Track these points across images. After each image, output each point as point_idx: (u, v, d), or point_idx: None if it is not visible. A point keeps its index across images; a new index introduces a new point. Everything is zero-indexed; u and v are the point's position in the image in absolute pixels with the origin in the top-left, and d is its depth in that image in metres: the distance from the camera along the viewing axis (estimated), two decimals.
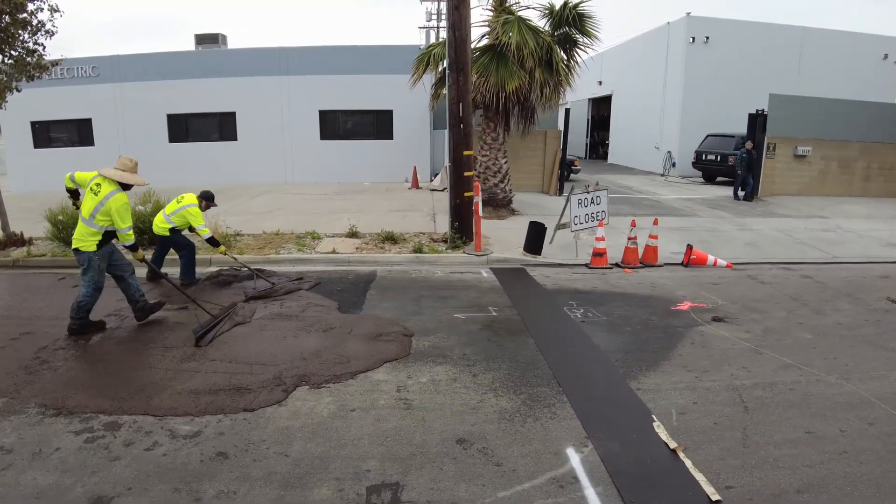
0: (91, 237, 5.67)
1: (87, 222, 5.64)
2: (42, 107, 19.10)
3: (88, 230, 5.65)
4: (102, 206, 5.54)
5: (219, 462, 3.59)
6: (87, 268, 5.79)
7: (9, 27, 9.59)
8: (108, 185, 5.60)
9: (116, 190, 5.60)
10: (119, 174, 5.68)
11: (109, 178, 5.62)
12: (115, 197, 5.53)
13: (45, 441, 3.88)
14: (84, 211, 5.66)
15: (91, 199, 5.60)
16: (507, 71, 10.74)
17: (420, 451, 3.66)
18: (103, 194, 5.55)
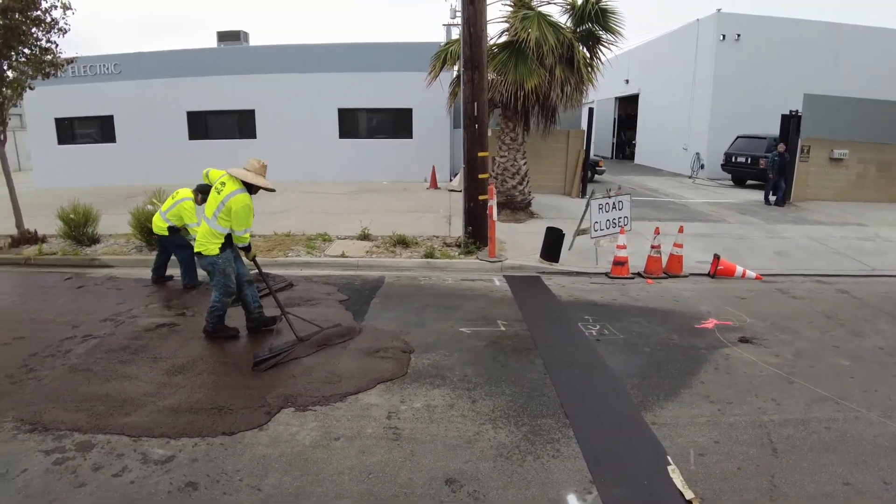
0: (214, 239, 5.42)
1: (209, 222, 5.40)
2: (66, 103, 19.28)
3: (211, 231, 5.40)
4: (224, 206, 5.29)
5: (186, 495, 3.30)
6: (211, 272, 5.56)
7: (21, 25, 9.51)
8: (233, 183, 5.33)
9: (240, 190, 5.31)
10: (244, 173, 5.41)
11: (235, 176, 5.37)
12: (237, 196, 5.25)
13: (14, 461, 3.66)
14: (207, 210, 5.44)
15: (214, 197, 5.37)
16: (527, 68, 10.32)
17: (403, 492, 3.30)
18: (226, 193, 5.29)
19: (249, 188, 5.41)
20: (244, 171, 5.42)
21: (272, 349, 5.22)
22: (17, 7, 9.42)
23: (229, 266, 5.58)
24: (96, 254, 9.56)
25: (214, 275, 5.53)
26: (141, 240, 9.64)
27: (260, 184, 5.44)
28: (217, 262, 5.45)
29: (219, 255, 5.44)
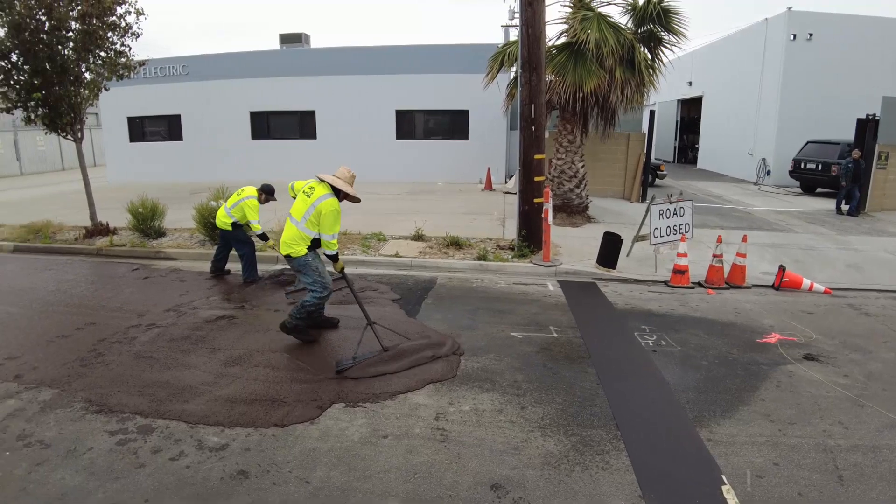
0: (302, 241, 5.43)
1: (298, 225, 5.41)
2: (137, 103, 20.31)
3: (300, 234, 5.40)
4: (314, 209, 5.29)
5: (238, 482, 3.44)
6: (303, 272, 5.56)
7: (98, 30, 10.10)
8: (322, 188, 5.37)
9: (330, 194, 5.33)
10: (334, 179, 5.44)
11: (325, 181, 5.41)
12: (327, 201, 5.27)
13: (82, 439, 3.94)
14: (296, 213, 5.44)
15: (303, 201, 5.38)
16: (586, 70, 10.16)
17: (448, 494, 3.31)
18: (316, 196, 5.31)
19: (338, 195, 5.42)
20: (335, 177, 5.45)
21: (356, 358, 5.12)
22: (94, 13, 10.02)
23: (320, 263, 5.63)
24: (162, 246, 10.01)
25: (307, 274, 5.53)
26: (204, 234, 10.03)
27: (350, 192, 5.46)
28: (308, 262, 5.47)
29: (307, 254, 5.46)
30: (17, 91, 10.16)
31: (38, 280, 8.37)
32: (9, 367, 5.16)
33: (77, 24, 10.06)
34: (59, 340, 5.84)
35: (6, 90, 10.17)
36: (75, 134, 10.90)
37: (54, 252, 10.34)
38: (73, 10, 9.92)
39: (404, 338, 5.60)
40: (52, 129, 10.75)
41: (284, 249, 5.49)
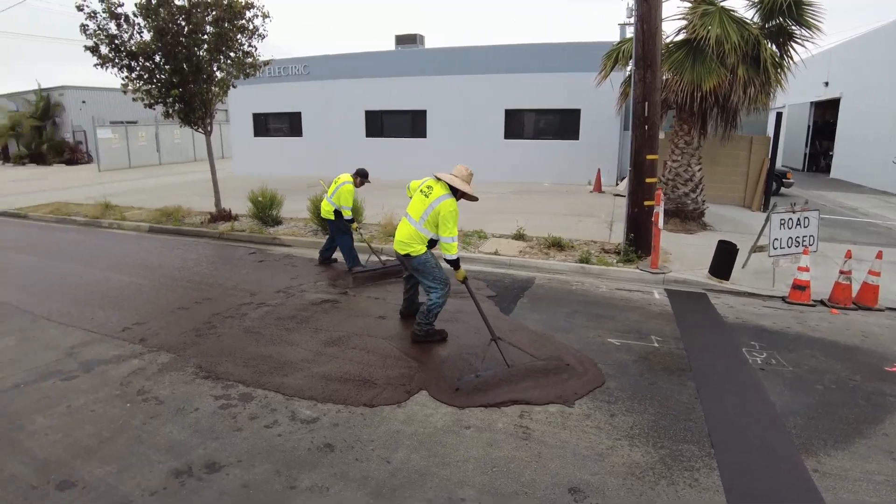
0: (420, 241, 5.33)
1: (416, 224, 5.31)
2: (262, 101, 21.82)
3: (418, 234, 5.30)
4: (432, 210, 5.20)
5: (324, 454, 3.66)
6: (424, 270, 5.42)
7: (228, 32, 10.98)
8: (440, 188, 5.28)
9: (448, 195, 5.22)
10: (452, 178, 5.34)
11: (443, 180, 5.31)
12: (445, 201, 5.16)
13: (190, 400, 4.37)
14: (413, 213, 5.35)
15: (421, 201, 5.29)
16: (705, 68, 9.58)
17: (524, 492, 3.27)
18: (434, 197, 5.22)
19: (456, 194, 5.31)
20: (452, 176, 5.35)
21: (478, 375, 4.81)
22: (227, 17, 10.90)
23: (437, 260, 5.52)
24: (277, 233, 10.68)
25: (427, 273, 5.41)
26: (317, 225, 10.59)
27: (467, 191, 5.33)
28: (428, 260, 5.37)
29: (426, 252, 5.37)
30: (158, 88, 11.28)
31: (167, 258, 9.26)
32: (136, 332, 5.85)
33: (211, 28, 11.00)
34: (180, 311, 6.50)
35: (150, 88, 11.30)
36: (206, 128, 11.91)
37: (182, 234, 11.40)
38: (208, 14, 10.85)
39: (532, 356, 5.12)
40: (186, 123, 11.83)
41: (402, 249, 5.36)
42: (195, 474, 3.45)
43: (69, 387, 4.66)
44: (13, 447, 3.81)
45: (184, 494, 3.27)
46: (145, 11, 10.60)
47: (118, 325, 6.11)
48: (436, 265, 5.43)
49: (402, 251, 5.35)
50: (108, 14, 10.67)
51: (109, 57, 10.95)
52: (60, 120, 37.31)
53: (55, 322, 6.26)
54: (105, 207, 13.87)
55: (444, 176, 5.33)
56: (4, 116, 37.48)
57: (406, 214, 5.43)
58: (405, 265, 5.56)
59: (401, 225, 5.45)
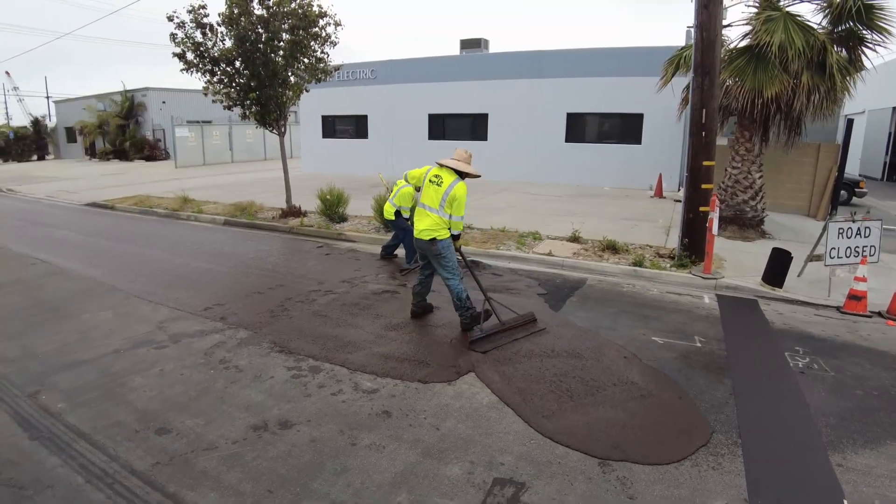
0: (444, 226, 5.78)
1: (437, 212, 5.76)
2: (330, 103, 22.76)
3: (441, 220, 5.76)
4: (448, 195, 5.67)
5: (381, 419, 4.16)
6: (445, 256, 5.85)
7: (303, 39, 11.72)
8: (449, 175, 5.76)
9: (458, 179, 5.74)
10: (457, 164, 5.83)
11: (449, 167, 5.79)
12: (458, 185, 5.69)
13: (266, 369, 5.00)
14: (430, 202, 5.81)
15: (435, 190, 5.76)
16: (767, 74, 9.52)
17: (558, 461, 3.63)
18: (447, 184, 5.69)
19: (461, 176, 5.81)
20: (457, 161, 5.86)
21: (483, 330, 5.70)
22: (302, 25, 11.63)
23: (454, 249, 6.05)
24: (343, 230, 11.31)
25: (447, 259, 5.84)
26: (380, 222, 11.16)
27: (471, 171, 5.85)
28: (450, 246, 5.84)
29: (448, 238, 5.84)
30: (237, 92, 12.14)
31: (242, 248, 10.04)
32: (217, 311, 6.57)
33: (287, 35, 11.76)
34: (255, 295, 7.20)
35: (229, 91, 12.18)
36: (279, 129, 12.70)
37: (255, 227, 12.23)
38: (284, 23, 11.61)
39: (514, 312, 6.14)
40: (261, 124, 12.66)
41: (428, 235, 5.77)
42: (270, 429, 4.02)
43: (160, 354, 5.37)
44: (117, 400, 4.50)
45: (260, 445, 3.83)
46: (228, 20, 11.46)
47: (200, 305, 6.86)
48: (453, 253, 5.92)
49: (428, 237, 5.78)
50: (194, 23, 11.59)
51: (194, 62, 11.87)
52: (142, 119, 39.84)
53: (145, 300, 7.07)
54: (183, 201, 14.96)
55: (448, 162, 5.84)
56: (94, 115, 40.37)
57: (422, 205, 5.90)
58: (427, 252, 5.94)
59: (419, 216, 5.90)
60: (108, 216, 14.71)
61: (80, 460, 3.67)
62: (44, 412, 4.31)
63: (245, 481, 3.42)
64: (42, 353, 5.45)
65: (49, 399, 4.52)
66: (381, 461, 3.63)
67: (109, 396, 4.54)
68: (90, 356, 5.36)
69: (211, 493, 3.30)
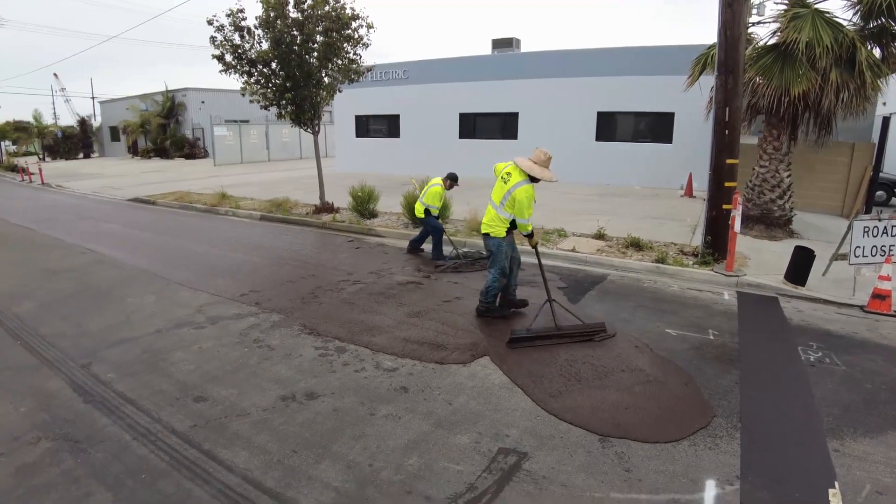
0: (501, 223, 5.90)
1: (497, 209, 5.88)
2: (363, 103, 23.23)
3: (499, 217, 5.88)
4: (510, 195, 5.72)
5: (399, 394, 4.51)
6: (495, 253, 6.01)
7: (336, 41, 12.13)
8: (518, 174, 5.74)
9: (525, 181, 5.69)
10: (529, 166, 5.76)
11: (520, 167, 5.77)
12: (521, 187, 5.65)
13: (296, 348, 5.42)
14: (495, 198, 5.93)
15: (501, 187, 5.84)
16: (794, 72, 9.50)
17: (560, 436, 3.88)
18: (512, 183, 5.71)
19: (533, 179, 5.77)
20: (530, 162, 5.78)
21: (530, 330, 5.65)
22: (335, 28, 12.04)
23: (509, 249, 6.10)
24: (373, 225, 11.68)
25: (497, 255, 5.97)
26: (408, 219, 11.50)
27: (544, 176, 5.74)
28: (502, 244, 5.94)
29: (504, 237, 5.94)
30: (273, 92, 12.61)
31: (277, 242, 10.52)
32: (252, 297, 7.03)
33: (321, 38, 12.18)
34: (288, 284, 7.65)
35: (265, 91, 12.67)
36: (313, 128, 13.15)
37: (290, 222, 12.71)
38: (318, 25, 12.02)
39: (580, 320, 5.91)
40: (296, 124, 13.12)
41: (484, 229, 6.02)
42: (297, 399, 4.40)
43: (199, 334, 5.82)
44: (160, 372, 4.94)
45: (288, 412, 4.20)
46: (264, 23, 11.93)
47: (237, 291, 7.32)
48: (504, 253, 6.03)
49: (483, 230, 6.07)
50: (233, 26, 12.09)
51: (232, 64, 12.39)
52: (182, 118, 41.11)
53: (185, 287, 7.56)
54: (221, 197, 15.57)
55: (521, 162, 5.81)
56: (136, 115, 41.84)
57: (490, 200, 6.04)
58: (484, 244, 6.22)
59: (487, 209, 6.08)
60: (151, 211, 15.42)
61: (128, 421, 4.10)
62: (95, 380, 4.78)
63: (272, 442, 3.78)
64: (92, 331, 5.96)
65: (99, 370, 4.99)
66: (396, 429, 3.95)
67: (153, 369, 4.98)
68: (135, 334, 5.84)
69: (242, 452, 3.67)
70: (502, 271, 6.06)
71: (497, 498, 3.22)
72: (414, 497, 3.23)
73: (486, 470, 3.48)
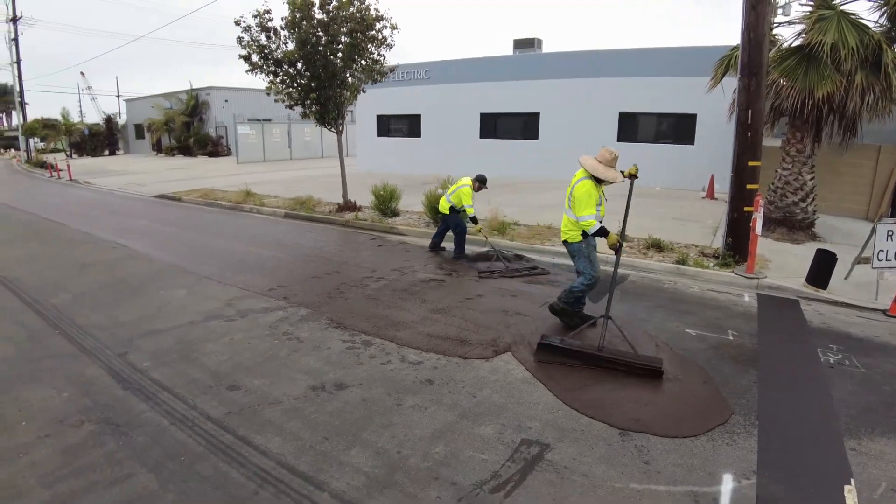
0: (574, 227, 5.71)
1: (567, 213, 5.76)
2: (385, 103, 23.46)
3: (569, 221, 5.76)
4: (569, 194, 5.64)
5: (424, 386, 4.67)
6: (576, 257, 5.87)
7: (361, 43, 12.32)
8: (579, 173, 5.63)
9: (585, 177, 5.55)
10: (593, 165, 5.57)
11: (584, 167, 5.61)
12: (579, 184, 5.50)
13: (324, 342, 5.61)
14: (566, 202, 5.80)
15: (567, 190, 5.74)
16: (818, 74, 9.48)
17: (582, 430, 4.00)
18: (572, 182, 5.61)
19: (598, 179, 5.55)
20: (595, 161, 5.58)
21: (563, 341, 5.27)
22: (360, 29, 12.22)
23: (593, 252, 5.89)
24: (395, 224, 11.85)
25: (578, 258, 5.82)
26: (429, 217, 11.66)
27: (608, 176, 5.49)
28: (581, 248, 5.77)
29: (581, 241, 5.74)
30: (298, 92, 12.84)
31: (301, 239, 10.75)
32: (280, 292, 7.25)
33: (345, 38, 12.37)
34: (314, 279, 7.86)
35: (290, 91, 12.90)
36: (337, 128, 13.37)
37: (313, 220, 12.94)
38: (343, 26, 12.22)
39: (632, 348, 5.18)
40: (320, 123, 13.35)
41: (562, 236, 5.90)
42: (327, 389, 4.58)
43: (230, 326, 6.03)
44: (193, 362, 5.15)
45: (318, 401, 4.38)
46: (290, 24, 12.16)
47: (265, 286, 7.53)
48: (588, 255, 5.78)
49: (562, 238, 5.94)
50: (260, 27, 12.34)
51: (259, 64, 12.65)
52: (206, 117, 41.73)
53: (214, 281, 7.80)
54: (246, 195, 15.87)
55: (584, 161, 5.64)
56: (161, 113, 42.58)
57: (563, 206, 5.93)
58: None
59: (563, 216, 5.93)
60: (176, 207, 15.77)
61: (165, 407, 4.29)
62: (132, 369, 4.99)
63: (304, 430, 3.95)
64: (126, 322, 6.19)
65: (135, 359, 5.21)
66: (423, 419, 4.11)
67: (186, 359, 5.19)
68: (168, 326, 6.06)
69: (275, 438, 3.84)
70: (592, 274, 5.78)
71: (521, 486, 3.34)
72: (441, 483, 3.36)
73: (510, 459, 3.61)
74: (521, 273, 8.32)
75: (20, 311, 6.62)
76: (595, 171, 5.52)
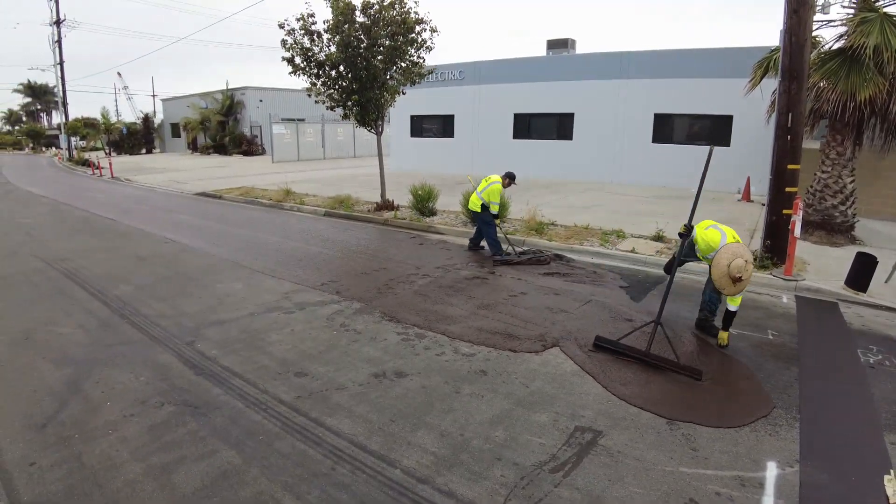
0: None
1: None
2: (419, 103, 23.78)
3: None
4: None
5: (479, 376, 4.95)
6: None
7: (401, 45, 12.62)
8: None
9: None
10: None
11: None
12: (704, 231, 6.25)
13: (379, 333, 5.92)
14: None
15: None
16: (860, 77, 9.47)
17: (632, 418, 4.25)
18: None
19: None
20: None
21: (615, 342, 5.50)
22: (400, 32, 12.51)
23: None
24: (433, 223, 12.14)
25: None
26: (467, 216, 11.90)
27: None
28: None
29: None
30: (339, 94, 13.20)
31: (343, 236, 11.12)
32: (332, 286, 7.62)
33: (386, 41, 12.68)
34: (362, 275, 8.21)
35: (332, 93, 13.27)
36: (377, 128, 13.72)
37: (353, 219, 13.32)
38: (385, 29, 12.53)
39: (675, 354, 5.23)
40: (361, 124, 13.70)
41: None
42: (388, 377, 4.90)
43: (290, 318, 6.39)
44: (260, 350, 5.51)
45: (381, 388, 4.69)
46: (333, 28, 12.52)
47: (317, 280, 7.92)
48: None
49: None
50: (303, 31, 12.73)
51: (301, 66, 13.04)
52: (241, 116, 42.61)
53: (268, 275, 8.20)
54: (286, 193, 16.33)
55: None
56: (196, 112, 43.63)
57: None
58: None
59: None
60: (219, 204, 16.32)
61: (238, 391, 4.64)
62: (202, 356, 5.37)
63: (371, 413, 4.27)
64: (190, 313, 6.60)
65: (203, 347, 5.58)
66: (481, 406, 4.39)
67: (252, 347, 5.56)
68: (231, 317, 6.45)
69: (346, 420, 4.16)
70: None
71: (578, 467, 3.60)
72: (504, 462, 3.64)
73: (566, 444, 3.87)
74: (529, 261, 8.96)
75: (87, 300, 7.09)
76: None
